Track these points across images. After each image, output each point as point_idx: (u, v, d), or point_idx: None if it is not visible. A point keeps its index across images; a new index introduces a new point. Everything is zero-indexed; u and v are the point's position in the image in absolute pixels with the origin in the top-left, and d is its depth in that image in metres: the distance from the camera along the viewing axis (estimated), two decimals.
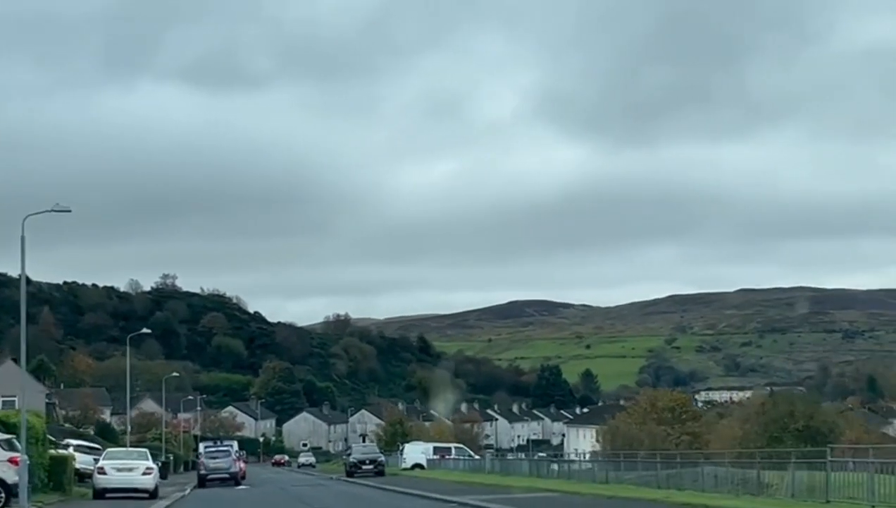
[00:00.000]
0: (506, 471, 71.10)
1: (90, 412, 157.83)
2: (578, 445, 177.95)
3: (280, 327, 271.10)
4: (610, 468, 58.19)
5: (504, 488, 48.98)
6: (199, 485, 71.88)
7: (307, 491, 59.48)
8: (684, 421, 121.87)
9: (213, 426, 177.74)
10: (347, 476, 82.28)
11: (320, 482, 78.18)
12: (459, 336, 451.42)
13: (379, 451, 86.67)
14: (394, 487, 56.35)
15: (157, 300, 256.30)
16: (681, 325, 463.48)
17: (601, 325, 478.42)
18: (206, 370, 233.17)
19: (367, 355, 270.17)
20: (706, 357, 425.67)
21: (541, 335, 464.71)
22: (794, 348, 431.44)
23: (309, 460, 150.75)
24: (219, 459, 71.84)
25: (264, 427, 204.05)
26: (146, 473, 49.38)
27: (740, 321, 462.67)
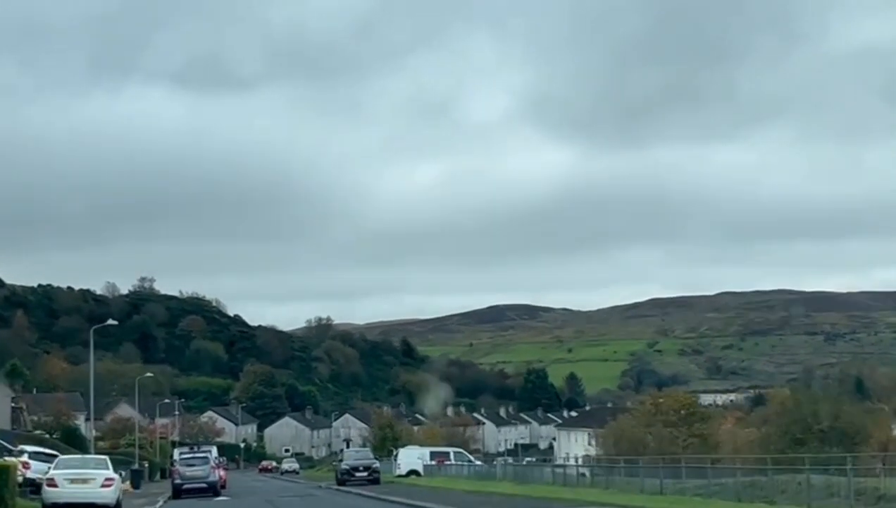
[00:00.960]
0: (522, 479, 62.04)
1: (63, 417, 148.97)
2: (570, 449, 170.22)
3: (261, 330, 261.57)
4: (646, 474, 49.77)
5: (541, 500, 40.27)
6: (173, 496, 62.78)
7: (297, 504, 50.65)
8: (691, 423, 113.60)
9: (191, 432, 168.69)
10: (339, 485, 73.35)
11: (310, 491, 69.21)
12: (440, 341, 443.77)
13: (374, 457, 77.54)
14: (399, 499, 47.42)
15: (134, 303, 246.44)
16: (662, 328, 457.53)
17: (583, 329, 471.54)
18: (184, 374, 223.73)
19: (350, 358, 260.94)
20: (688, 360, 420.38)
21: (522, 339, 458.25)
22: (776, 350, 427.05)
23: (293, 466, 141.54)
24: (196, 467, 62.85)
25: (245, 433, 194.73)
26: (106, 485, 40.40)
27: (722, 324, 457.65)
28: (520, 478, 62.98)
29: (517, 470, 70.19)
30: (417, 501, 43.90)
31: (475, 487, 56.16)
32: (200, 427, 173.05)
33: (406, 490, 58.70)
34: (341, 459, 76.63)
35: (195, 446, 68.90)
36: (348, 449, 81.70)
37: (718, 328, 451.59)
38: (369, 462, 74.30)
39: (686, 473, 46.76)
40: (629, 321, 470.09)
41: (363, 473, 73.03)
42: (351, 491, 62.99)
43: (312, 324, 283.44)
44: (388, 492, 55.49)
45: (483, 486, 57.04)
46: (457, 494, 49.97)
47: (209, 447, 71.75)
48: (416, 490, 56.55)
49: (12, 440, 72.10)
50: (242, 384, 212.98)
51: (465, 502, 41.64)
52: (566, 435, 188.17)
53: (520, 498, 42.81)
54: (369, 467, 73.52)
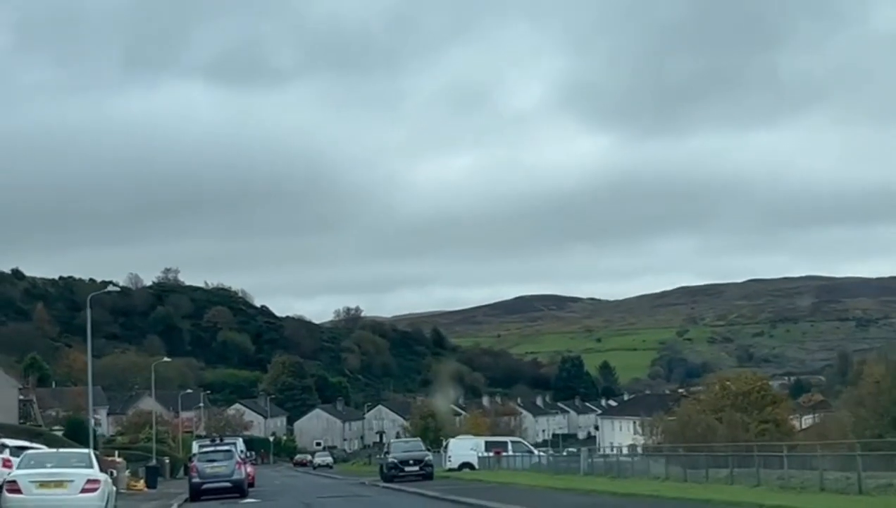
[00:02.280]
0: (618, 473, 49.58)
1: (82, 411, 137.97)
2: (614, 438, 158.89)
3: (289, 321, 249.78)
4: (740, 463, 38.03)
5: (692, 502, 28.45)
6: (190, 498, 51.03)
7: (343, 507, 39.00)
8: (762, 407, 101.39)
9: (218, 425, 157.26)
10: (385, 481, 61.65)
11: (352, 489, 57.54)
12: (468, 332, 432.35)
13: (425, 448, 65.50)
14: (479, 501, 35.56)
15: (158, 295, 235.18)
16: (691, 316, 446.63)
17: (611, 318, 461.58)
18: (211, 367, 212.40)
19: (381, 348, 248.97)
20: (718, 348, 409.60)
21: (550, 329, 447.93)
22: (807, 337, 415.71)
23: (326, 460, 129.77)
24: (218, 463, 51.14)
25: (275, 426, 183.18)
26: (88, 489, 28.70)
27: (751, 311, 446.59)
28: (615, 472, 50.83)
29: (596, 463, 57.99)
30: (507, 503, 32.03)
31: (562, 483, 44.28)
32: (227, 421, 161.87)
33: (474, 487, 46.88)
34: (387, 451, 64.60)
35: (217, 438, 56.96)
36: (396, 440, 69.28)
37: (748, 316, 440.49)
38: (421, 455, 62.45)
39: (788, 462, 36.02)
40: (657, 309, 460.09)
41: (414, 467, 61.27)
42: (404, 490, 51.18)
43: (341, 315, 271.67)
44: (454, 491, 43.68)
45: (570, 482, 45.15)
46: (551, 495, 38.12)
47: (234, 439, 60.20)
48: (489, 489, 44.69)
49: (9, 435, 60.64)
50: (270, 375, 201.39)
51: (577, 504, 30.11)
52: (609, 424, 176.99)
53: (644, 500, 30.96)
54: (421, 460, 61.73)
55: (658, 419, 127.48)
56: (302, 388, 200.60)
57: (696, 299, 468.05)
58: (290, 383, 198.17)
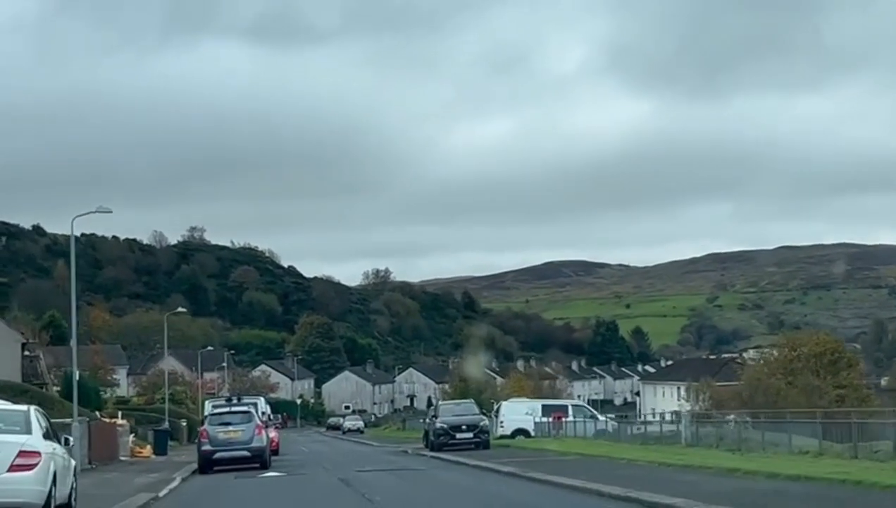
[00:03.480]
0: (737, 444, 38.59)
1: (100, 371, 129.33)
2: (656, 405, 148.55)
3: (317, 282, 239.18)
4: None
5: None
6: (199, 470, 40.68)
7: (395, 488, 28.48)
8: (837, 371, 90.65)
9: (243, 387, 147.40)
10: (432, 450, 51.23)
11: (395, 459, 47.15)
12: (496, 298, 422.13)
13: (479, 411, 54.68)
14: (590, 484, 24.93)
15: (183, 254, 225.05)
16: (722, 283, 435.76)
17: (640, 284, 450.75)
18: (236, 327, 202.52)
19: (411, 310, 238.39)
20: (749, 315, 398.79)
21: (579, 295, 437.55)
22: (839, 304, 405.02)
23: (357, 424, 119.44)
24: (233, 427, 40.77)
25: (302, 388, 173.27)
26: (20, 467, 18.33)
27: (782, 278, 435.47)
28: (715, 443, 40.07)
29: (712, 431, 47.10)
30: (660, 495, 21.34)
31: (674, 458, 33.52)
32: (252, 382, 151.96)
33: (552, 461, 36.25)
34: (434, 415, 53.77)
35: (235, 397, 46.34)
36: (445, 402, 57.79)
37: (779, 283, 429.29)
38: (475, 419, 51.76)
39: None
40: (687, 276, 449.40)
41: (467, 433, 50.73)
42: (462, 461, 40.59)
43: (370, 277, 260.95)
44: (529, 465, 33.11)
45: (682, 456, 34.39)
46: (688, 476, 27.36)
47: (254, 398, 49.83)
48: (576, 464, 34.02)
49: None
50: (298, 336, 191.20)
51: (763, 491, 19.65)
52: (651, 390, 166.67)
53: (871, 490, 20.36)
54: (475, 425, 51.11)
55: (705, 384, 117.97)
56: (330, 350, 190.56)
57: (726, 265, 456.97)
58: (318, 344, 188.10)
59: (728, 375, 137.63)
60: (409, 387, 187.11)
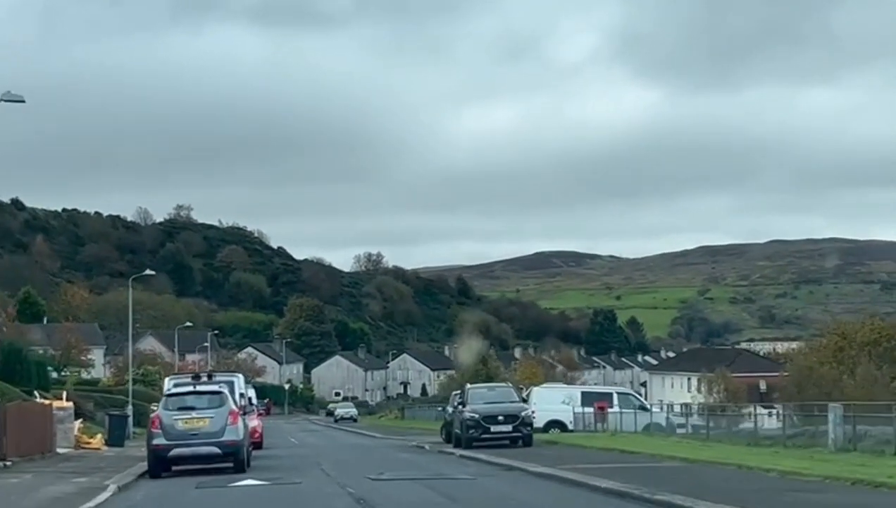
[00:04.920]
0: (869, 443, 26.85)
1: (74, 350, 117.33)
2: (664, 395, 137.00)
3: (307, 264, 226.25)
4: None
5: None
6: (150, 474, 28.43)
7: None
8: (893, 360, 78.92)
9: (227, 370, 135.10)
10: (460, 446, 39.10)
11: (415, 459, 34.89)
12: (486, 287, 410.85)
13: (519, 398, 41.94)
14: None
15: (168, 232, 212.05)
16: (713, 276, 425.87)
17: (630, 276, 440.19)
18: (223, 309, 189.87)
19: (404, 295, 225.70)
20: (740, 309, 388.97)
21: (569, 285, 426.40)
22: (830, 299, 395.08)
23: (350, 412, 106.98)
24: (198, 412, 28.48)
25: (290, 373, 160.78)
26: None
27: (774, 272, 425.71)
28: (872, 448, 27.99)
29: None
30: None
31: (845, 469, 21.44)
32: (238, 365, 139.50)
33: (667, 472, 24.16)
34: (461, 402, 41.09)
35: (205, 374, 33.75)
36: (475, 386, 43.66)
37: (770, 277, 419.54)
38: (515, 409, 39.19)
39: None
40: (678, 268, 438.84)
41: (504, 426, 38.36)
42: (516, 467, 28.41)
43: (362, 260, 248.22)
44: (635, 477, 21.16)
45: (849, 466, 22.30)
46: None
47: (230, 376, 37.47)
48: (701, 476, 21.87)
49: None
50: (287, 319, 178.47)
51: None
52: (659, 380, 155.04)
53: None
54: (516, 416, 38.58)
55: (720, 375, 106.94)
56: (321, 333, 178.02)
57: (717, 258, 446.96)
58: (308, 327, 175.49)
59: (741, 366, 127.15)
60: (402, 373, 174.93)
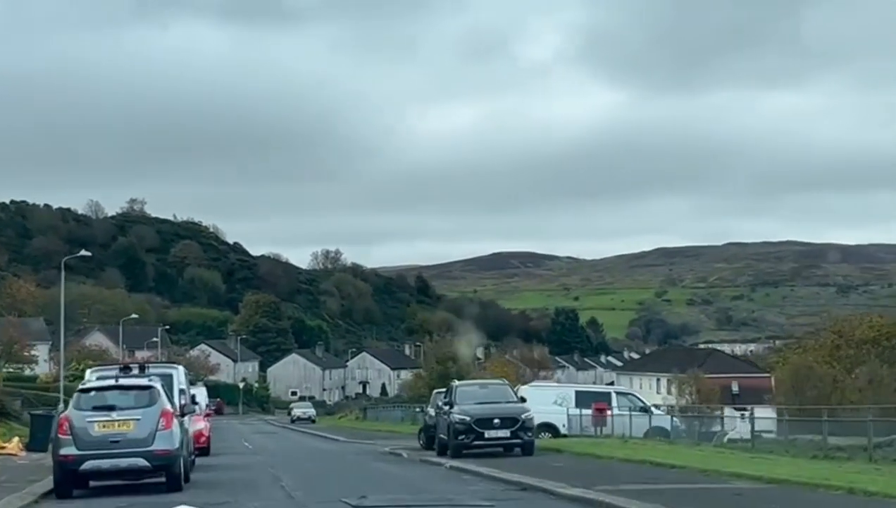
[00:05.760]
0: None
1: (15, 346, 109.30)
2: None
3: (263, 260, 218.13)
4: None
5: None
6: (56, 493, 20.94)
7: None
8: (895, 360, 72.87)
9: (167, 362, 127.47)
10: (445, 454, 32.15)
11: (397, 473, 27.76)
12: (444, 287, 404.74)
13: (516, 397, 34.47)
14: None
15: (120, 226, 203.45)
16: (670, 278, 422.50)
17: (588, 277, 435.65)
18: (176, 305, 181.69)
19: (362, 293, 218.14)
20: (698, 311, 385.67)
21: (526, 286, 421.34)
22: (787, 302, 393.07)
23: (308, 413, 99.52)
24: (120, 413, 21.18)
25: (245, 371, 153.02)
26: None
27: (731, 274, 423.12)
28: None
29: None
30: None
31: None
32: (190, 363, 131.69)
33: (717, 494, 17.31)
34: (449, 401, 33.83)
35: (137, 366, 26.22)
36: (464, 384, 36.17)
37: (728, 279, 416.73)
38: (514, 410, 32.10)
39: None
40: (635, 270, 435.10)
41: (500, 431, 31.41)
42: (535, 486, 21.49)
43: (319, 257, 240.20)
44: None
45: None
46: None
47: (167, 368, 29.94)
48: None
49: None
50: (243, 315, 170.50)
51: None
52: (627, 381, 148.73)
53: None
54: (515, 419, 31.57)
55: (693, 376, 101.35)
56: (277, 331, 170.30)
57: (675, 260, 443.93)
58: (264, 324, 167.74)
59: (712, 366, 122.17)
60: (361, 373, 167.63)
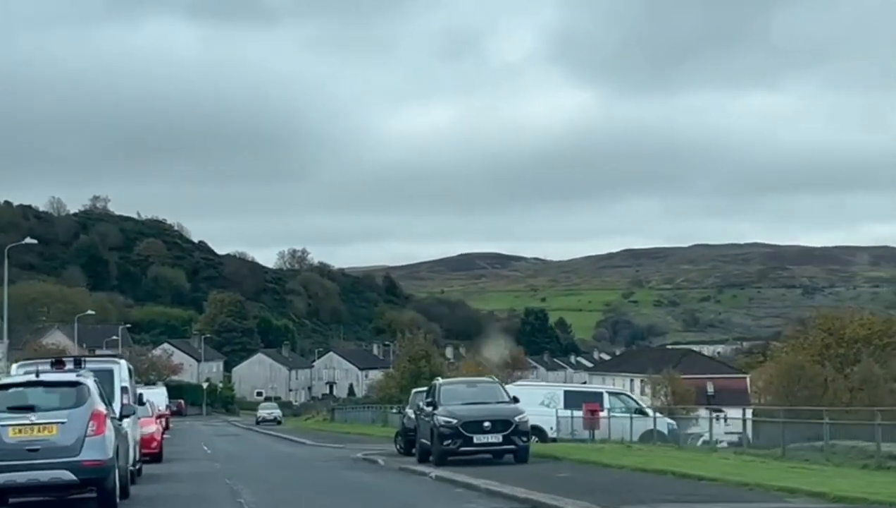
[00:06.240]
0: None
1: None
2: None
3: (229, 258, 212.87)
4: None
5: None
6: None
7: None
8: (886, 359, 69.39)
9: (141, 368, 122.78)
10: (427, 462, 28.10)
11: (376, 484, 23.69)
12: (412, 288, 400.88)
13: (508, 396, 30.13)
14: None
15: (83, 223, 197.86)
16: (637, 279, 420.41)
17: (555, 278, 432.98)
18: (139, 305, 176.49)
19: (330, 292, 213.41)
20: (664, 312, 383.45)
21: (494, 287, 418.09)
22: (754, 303, 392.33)
23: (273, 414, 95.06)
24: (38, 416, 16.97)
25: (210, 371, 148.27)
26: None
27: (697, 276, 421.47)
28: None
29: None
30: None
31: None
32: (152, 363, 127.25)
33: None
34: (432, 401, 29.41)
35: (68, 361, 21.84)
36: (449, 382, 32.09)
37: (694, 280, 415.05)
38: (506, 412, 28.07)
39: None
40: (603, 271, 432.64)
41: (492, 436, 27.37)
42: (546, 503, 17.42)
43: (286, 257, 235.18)
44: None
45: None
46: None
47: (108, 362, 25.48)
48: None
49: None
50: (207, 314, 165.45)
51: None
52: (600, 381, 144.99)
53: None
54: (508, 422, 27.54)
55: (668, 376, 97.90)
56: (242, 330, 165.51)
57: (641, 261, 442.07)
58: (229, 323, 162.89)
59: (687, 367, 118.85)
60: (329, 373, 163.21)
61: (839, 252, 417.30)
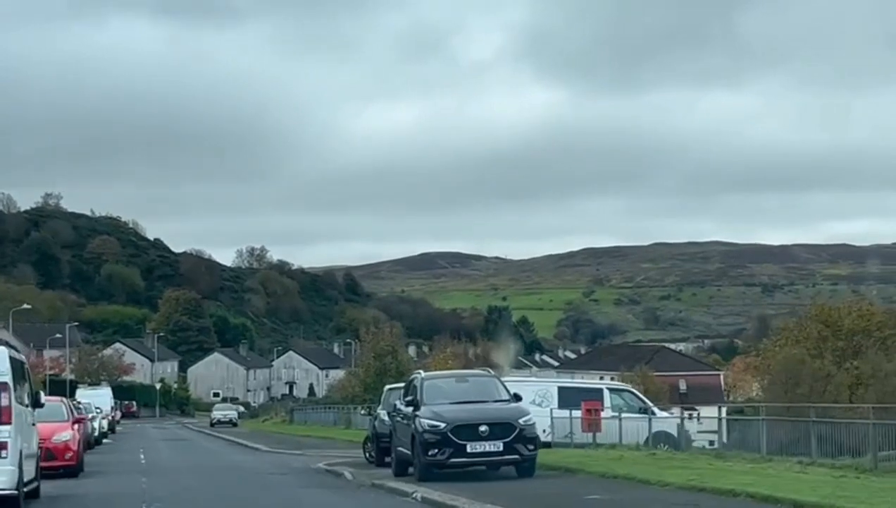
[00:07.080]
0: None
1: None
2: None
3: (185, 256, 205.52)
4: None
5: None
6: None
7: None
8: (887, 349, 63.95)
9: (91, 368, 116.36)
10: (405, 475, 22.02)
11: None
12: (372, 287, 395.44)
13: (508, 394, 24.24)
14: None
15: (34, 221, 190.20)
16: (598, 278, 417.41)
17: (516, 277, 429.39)
18: (92, 303, 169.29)
19: (289, 291, 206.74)
20: (625, 311, 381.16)
21: (454, 286, 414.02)
22: (713, 302, 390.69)
23: (229, 415, 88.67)
24: None
25: (164, 371, 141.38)
26: None
27: (657, 274, 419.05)
28: None
29: None
30: None
31: None
32: (103, 363, 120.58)
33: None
34: (412, 400, 23.39)
35: None
36: (433, 377, 24.85)
37: (654, 279, 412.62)
38: (506, 413, 22.05)
39: None
40: (563, 270, 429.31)
41: (491, 443, 21.35)
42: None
43: (244, 254, 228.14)
44: None
45: None
46: None
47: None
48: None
49: None
50: (162, 313, 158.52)
51: None
52: (569, 379, 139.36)
53: None
54: (510, 425, 21.58)
55: (641, 373, 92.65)
56: (198, 329, 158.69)
57: (602, 260, 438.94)
58: (184, 322, 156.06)
59: (658, 364, 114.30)
60: (288, 373, 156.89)
61: (798, 250, 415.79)
